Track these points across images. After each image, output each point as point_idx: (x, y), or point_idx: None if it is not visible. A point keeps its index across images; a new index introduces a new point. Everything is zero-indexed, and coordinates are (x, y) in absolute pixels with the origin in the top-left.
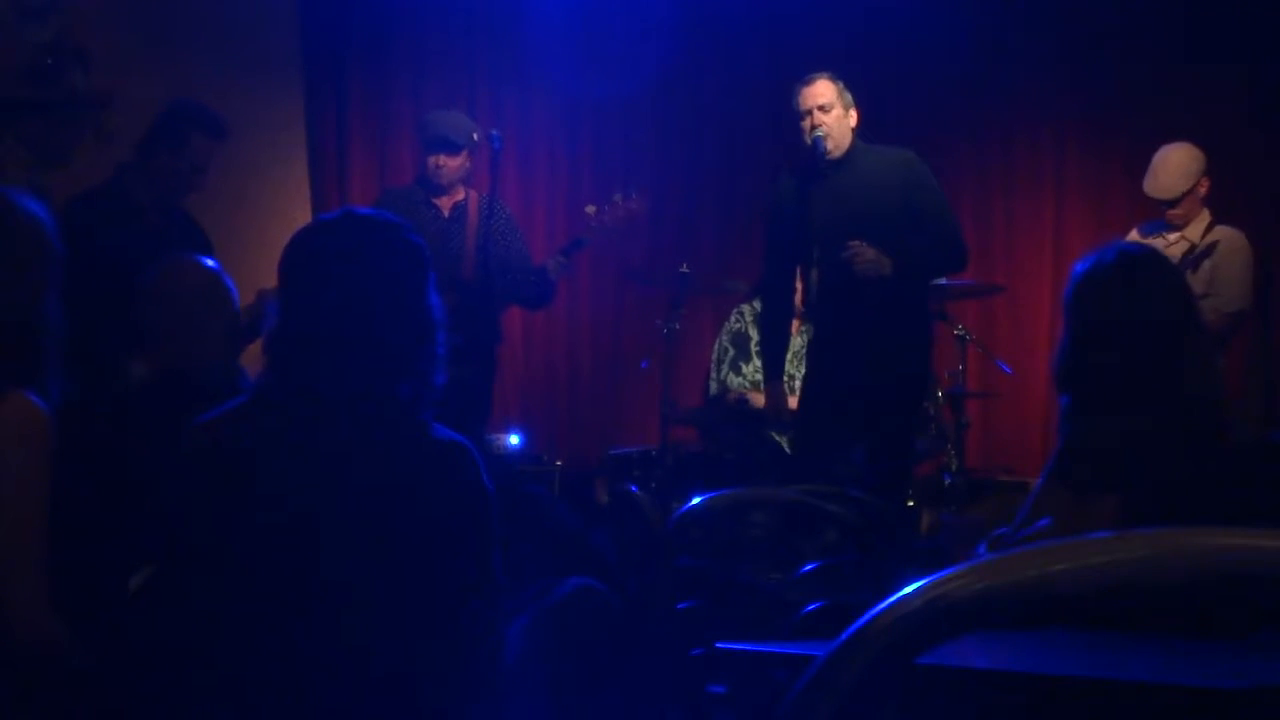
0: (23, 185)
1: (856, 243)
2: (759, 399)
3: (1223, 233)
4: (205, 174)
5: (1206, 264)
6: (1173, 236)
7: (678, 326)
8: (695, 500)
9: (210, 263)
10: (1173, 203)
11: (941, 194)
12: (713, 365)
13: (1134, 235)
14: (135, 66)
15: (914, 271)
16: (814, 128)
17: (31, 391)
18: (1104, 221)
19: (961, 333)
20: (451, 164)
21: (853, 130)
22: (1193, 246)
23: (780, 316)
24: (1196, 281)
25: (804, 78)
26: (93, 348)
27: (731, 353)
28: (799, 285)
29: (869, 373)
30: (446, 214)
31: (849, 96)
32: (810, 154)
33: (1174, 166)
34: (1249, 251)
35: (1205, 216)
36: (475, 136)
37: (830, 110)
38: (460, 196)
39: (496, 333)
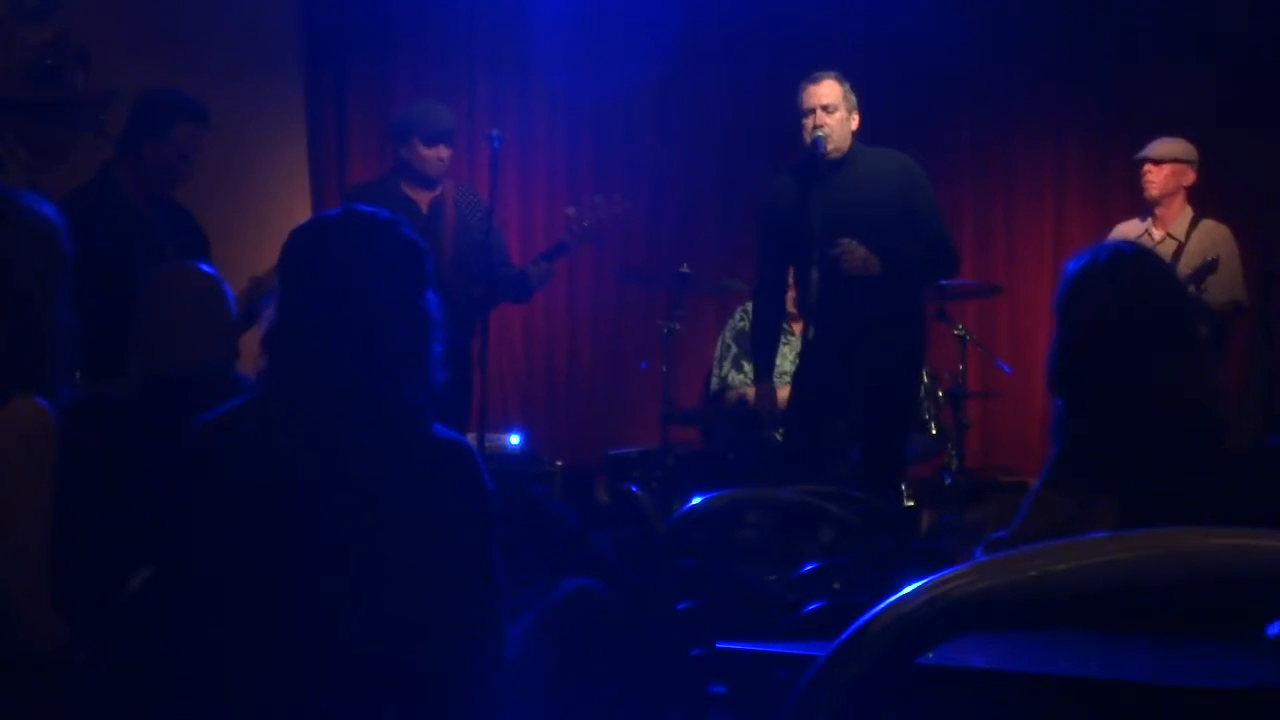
0: (22, 184)
1: (847, 240)
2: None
3: (1207, 228)
4: (192, 162)
5: (1197, 261)
6: (1158, 234)
7: (678, 326)
8: (695, 500)
9: (207, 267)
10: (1156, 162)
11: (936, 199)
12: (714, 362)
13: (1121, 227)
14: (135, 66)
15: (907, 276)
16: (816, 127)
17: (38, 394)
18: (1104, 221)
19: (961, 333)
20: (449, 155)
21: (853, 133)
22: (1180, 245)
23: (772, 315)
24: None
25: (811, 75)
26: (87, 345)
27: (734, 350)
28: (791, 284)
29: (864, 373)
30: (425, 209)
31: (854, 99)
32: (809, 153)
33: (1168, 142)
34: (1234, 244)
35: (1188, 212)
36: None
37: (834, 111)
38: (438, 191)
39: (472, 329)
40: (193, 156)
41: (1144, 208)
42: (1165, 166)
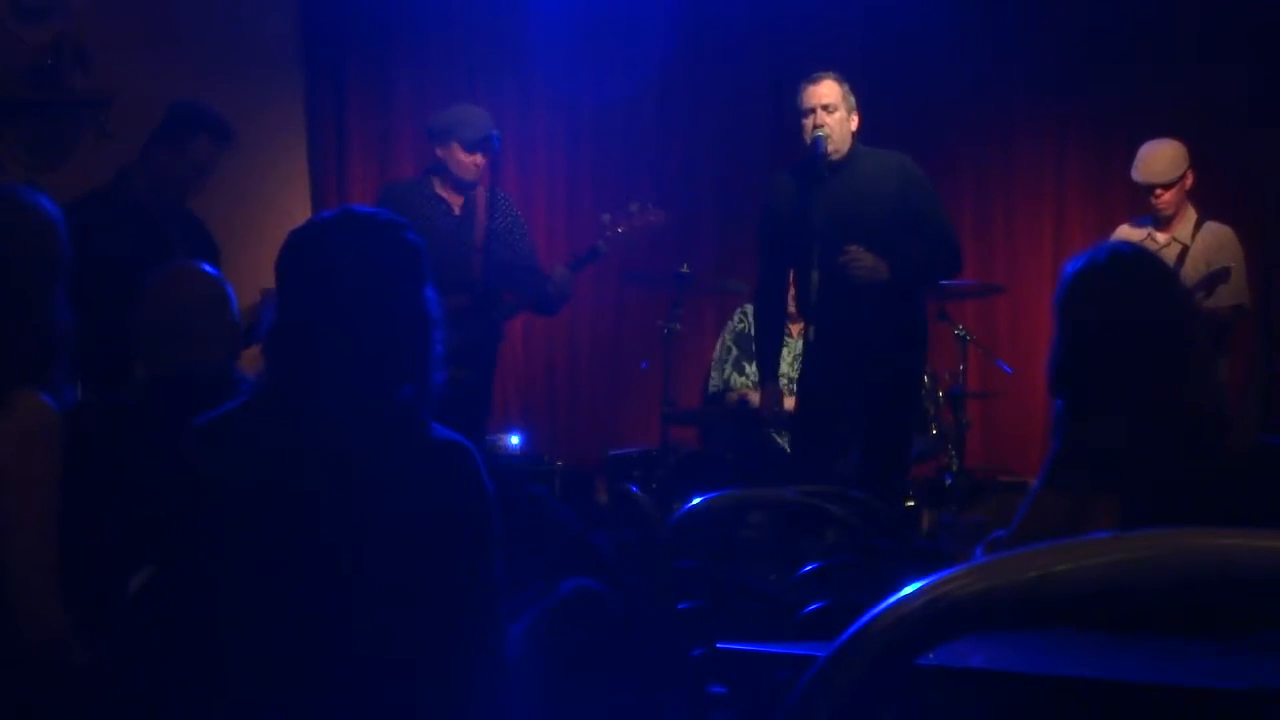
0: (22, 185)
1: (854, 248)
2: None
3: (1212, 230)
4: (209, 175)
5: (1201, 264)
6: (1163, 238)
7: (678, 326)
8: (695, 500)
9: (210, 268)
10: (1165, 187)
11: (938, 198)
12: (714, 364)
13: (1124, 229)
14: (135, 66)
15: (910, 276)
16: (816, 127)
17: (41, 391)
18: (1104, 221)
19: (961, 333)
20: (485, 163)
21: (853, 134)
22: (1184, 249)
23: (775, 317)
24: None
25: (810, 76)
26: (95, 350)
27: (735, 353)
28: (792, 286)
29: (866, 374)
30: (458, 211)
31: (853, 100)
32: (809, 154)
33: (1164, 153)
34: (1238, 247)
35: (1192, 214)
36: None
37: (834, 111)
38: (471, 193)
39: (499, 333)
40: (209, 170)
41: (1146, 211)
42: (1175, 186)
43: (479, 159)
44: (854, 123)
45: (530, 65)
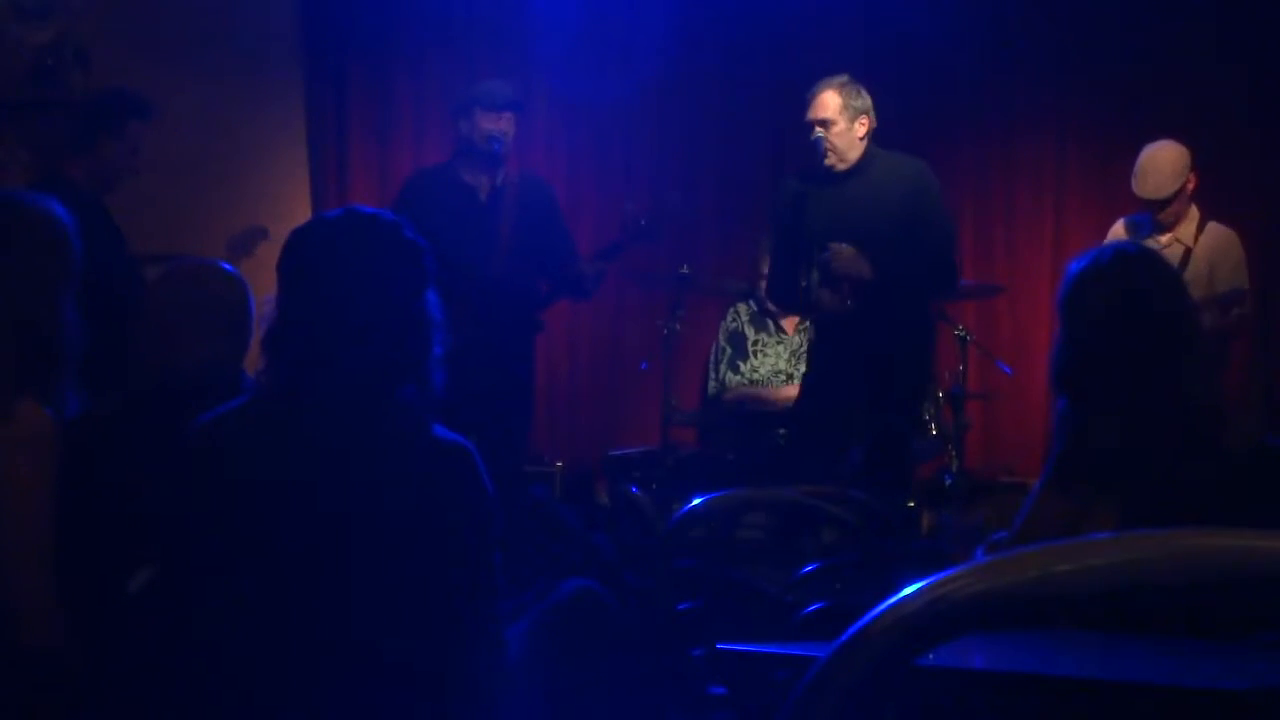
0: (22, 185)
1: (837, 245)
2: (758, 396)
3: (1215, 232)
4: (142, 157)
5: (1204, 266)
6: (1164, 239)
7: (678, 327)
8: (695, 500)
9: (227, 266)
10: (1165, 202)
11: (945, 212)
12: (711, 365)
13: (1119, 227)
14: (135, 66)
15: (895, 281)
16: (816, 140)
17: (45, 400)
18: (1105, 221)
19: (961, 333)
20: (512, 127)
21: (862, 139)
22: (1188, 250)
23: (787, 301)
24: (1196, 284)
25: (813, 86)
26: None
27: (729, 352)
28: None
29: (869, 375)
30: (483, 197)
31: (859, 104)
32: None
33: (1164, 165)
34: (1240, 249)
35: (1195, 215)
36: None
37: (832, 126)
38: (499, 178)
39: (532, 326)
40: (142, 153)
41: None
42: (1176, 198)
43: (504, 124)
44: (861, 129)
45: (530, 65)
